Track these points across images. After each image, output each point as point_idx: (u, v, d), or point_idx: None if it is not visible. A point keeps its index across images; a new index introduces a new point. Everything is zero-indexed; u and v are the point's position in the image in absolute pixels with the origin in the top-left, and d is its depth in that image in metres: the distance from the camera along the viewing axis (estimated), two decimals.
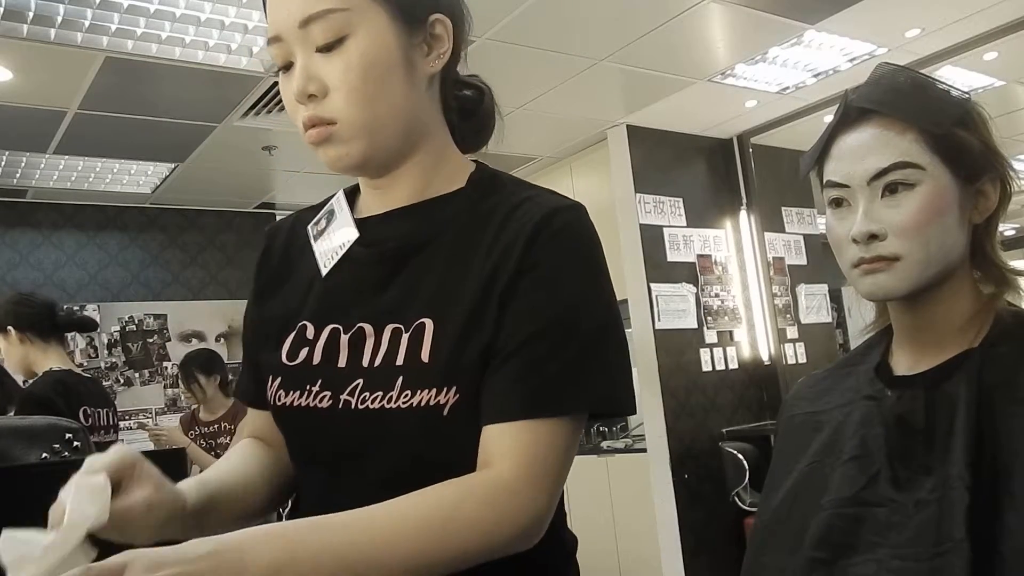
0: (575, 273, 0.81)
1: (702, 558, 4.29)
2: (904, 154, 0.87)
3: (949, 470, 0.81)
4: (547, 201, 0.85)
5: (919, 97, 0.90)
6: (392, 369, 0.81)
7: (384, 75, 0.82)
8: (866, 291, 0.90)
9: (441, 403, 0.78)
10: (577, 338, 0.79)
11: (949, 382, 0.87)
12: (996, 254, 0.92)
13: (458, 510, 0.73)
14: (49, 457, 1.28)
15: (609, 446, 4.94)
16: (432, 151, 0.89)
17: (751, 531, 1.02)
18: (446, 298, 0.82)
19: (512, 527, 0.74)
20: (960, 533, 0.77)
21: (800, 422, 1.01)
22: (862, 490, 0.87)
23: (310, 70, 0.81)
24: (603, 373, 0.80)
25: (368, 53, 0.81)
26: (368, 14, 0.81)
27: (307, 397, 0.86)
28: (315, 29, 0.80)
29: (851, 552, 0.85)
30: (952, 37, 3.81)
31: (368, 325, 0.84)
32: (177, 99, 3.68)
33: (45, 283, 4.86)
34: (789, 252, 5.01)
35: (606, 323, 0.82)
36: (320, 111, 0.81)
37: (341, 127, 0.82)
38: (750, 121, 4.77)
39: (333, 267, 0.90)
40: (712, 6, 3.27)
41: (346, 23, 0.80)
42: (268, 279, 0.98)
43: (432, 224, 0.87)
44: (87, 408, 2.48)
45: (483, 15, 3.18)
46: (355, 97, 0.81)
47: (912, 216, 0.86)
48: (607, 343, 0.81)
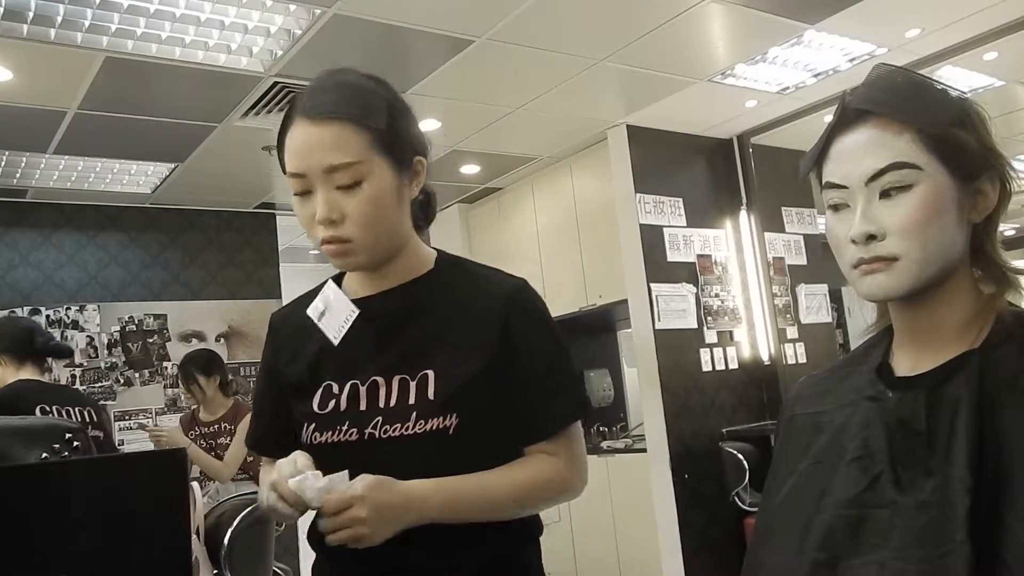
0: (548, 331, 1.20)
1: (702, 558, 4.29)
2: (901, 154, 0.87)
3: (950, 472, 0.81)
4: (505, 280, 1.21)
5: (916, 97, 0.90)
6: (407, 407, 1.13)
7: (386, 208, 1.12)
8: (866, 292, 0.90)
9: (447, 426, 1.11)
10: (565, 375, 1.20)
11: (950, 383, 0.86)
12: (996, 253, 0.92)
13: (541, 478, 1.15)
14: (49, 457, 1.28)
15: (609, 446, 4.95)
16: (409, 248, 1.20)
17: (752, 531, 1.02)
18: (441, 351, 1.14)
19: (569, 491, 1.20)
20: (961, 535, 0.77)
21: (801, 423, 1.01)
22: (864, 492, 0.87)
23: (332, 203, 1.08)
24: (581, 389, 1.23)
25: (377, 194, 1.10)
26: (376, 165, 1.10)
27: (338, 435, 1.16)
28: (339, 174, 1.08)
29: (853, 554, 0.85)
30: (952, 37, 3.81)
31: (380, 377, 1.15)
32: (177, 99, 3.68)
33: (45, 283, 4.87)
34: (789, 252, 5.01)
35: (569, 356, 1.21)
36: (339, 233, 1.09)
37: (354, 244, 1.10)
38: (750, 121, 4.77)
39: (342, 337, 1.17)
40: (712, 6, 3.27)
41: (362, 172, 1.08)
42: (282, 352, 1.26)
43: (416, 299, 1.19)
44: (45, 406, 2.51)
45: (483, 15, 3.18)
46: (366, 224, 1.10)
47: (910, 216, 0.86)
48: (574, 370, 1.22)
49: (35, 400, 2.49)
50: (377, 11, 3.06)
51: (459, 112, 4.16)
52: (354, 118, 1.09)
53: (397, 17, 3.12)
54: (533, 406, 1.16)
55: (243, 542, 3.14)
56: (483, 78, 3.78)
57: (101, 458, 1.74)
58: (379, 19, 3.11)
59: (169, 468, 1.06)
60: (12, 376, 2.58)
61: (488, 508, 1.11)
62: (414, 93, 3.83)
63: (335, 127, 1.08)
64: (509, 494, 1.12)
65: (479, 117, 4.26)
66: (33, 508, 0.92)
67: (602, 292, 4.88)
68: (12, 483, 0.95)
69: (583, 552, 4.88)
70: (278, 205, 5.57)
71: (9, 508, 0.91)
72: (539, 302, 1.21)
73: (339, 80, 1.14)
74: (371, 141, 1.09)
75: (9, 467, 1.15)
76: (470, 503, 1.10)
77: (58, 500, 0.95)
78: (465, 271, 1.24)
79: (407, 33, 3.24)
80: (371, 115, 1.10)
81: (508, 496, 1.12)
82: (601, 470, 4.78)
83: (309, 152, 1.08)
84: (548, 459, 1.16)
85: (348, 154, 1.08)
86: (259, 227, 5.66)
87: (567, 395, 1.19)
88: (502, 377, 1.14)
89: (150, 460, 0.80)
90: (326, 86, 1.13)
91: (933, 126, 0.87)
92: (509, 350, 1.14)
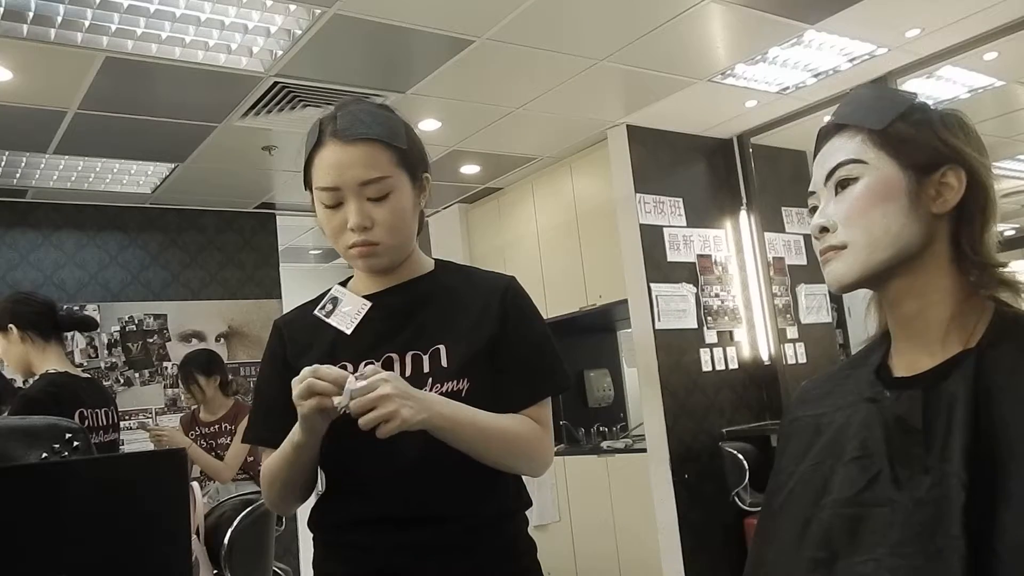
0: (535, 318, 1.37)
1: (702, 558, 4.29)
2: (850, 153, 0.95)
3: (946, 469, 0.82)
4: (498, 276, 1.40)
5: (869, 103, 0.97)
6: (422, 375, 1.27)
7: (407, 217, 1.30)
8: (827, 281, 0.97)
9: (460, 389, 1.26)
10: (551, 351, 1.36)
11: (947, 382, 0.87)
12: (977, 247, 0.92)
13: (524, 430, 1.29)
14: (49, 457, 1.28)
15: (609, 446, 4.95)
16: (414, 252, 1.38)
17: (754, 532, 1.03)
18: (449, 331, 1.30)
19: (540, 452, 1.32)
20: (956, 530, 0.78)
21: (803, 424, 1.02)
22: (863, 491, 0.88)
23: (364, 212, 1.25)
24: (565, 367, 1.37)
25: (401, 204, 1.28)
26: (401, 179, 1.28)
27: None
28: (370, 188, 1.25)
29: (851, 552, 0.86)
30: (952, 37, 3.81)
31: (394, 354, 1.29)
32: (177, 99, 3.68)
33: (45, 283, 4.87)
34: (789, 252, 5.01)
35: (552, 340, 1.37)
36: (368, 237, 1.26)
37: (381, 247, 1.28)
38: (750, 121, 4.77)
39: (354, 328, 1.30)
40: (712, 6, 3.28)
41: (390, 185, 1.26)
42: (292, 346, 1.36)
43: (421, 293, 1.35)
44: (83, 410, 2.48)
45: (483, 15, 3.18)
46: (392, 230, 1.27)
47: (852, 204, 0.93)
48: (556, 350, 1.37)
49: (71, 405, 2.42)
50: (377, 11, 3.06)
51: (459, 112, 4.16)
52: (382, 139, 1.26)
53: (397, 17, 3.12)
54: (523, 377, 1.32)
55: (243, 542, 3.14)
56: (483, 78, 3.78)
57: (101, 458, 1.73)
58: (379, 19, 3.11)
59: (169, 468, 1.06)
60: (39, 356, 2.52)
61: (479, 438, 1.23)
62: (414, 93, 3.83)
63: (367, 147, 1.25)
64: (497, 433, 1.25)
65: (479, 117, 4.26)
66: (33, 508, 0.92)
67: (602, 292, 4.88)
68: (12, 483, 0.95)
69: (583, 551, 4.88)
70: (278, 205, 5.58)
71: (9, 508, 0.91)
72: (526, 293, 1.42)
73: (362, 108, 1.30)
74: (396, 159, 1.27)
75: (9, 467, 1.15)
76: (468, 423, 1.22)
77: (58, 500, 0.95)
78: (461, 271, 1.43)
79: (407, 33, 3.24)
80: (396, 136, 1.28)
81: (496, 434, 1.25)
82: (601, 470, 4.78)
83: (344, 169, 1.24)
84: (529, 420, 1.30)
85: (379, 170, 1.25)
86: (259, 227, 5.66)
87: (556, 370, 1.36)
88: (500, 351, 1.30)
89: (150, 460, 0.80)
90: (353, 112, 1.28)
91: (877, 123, 0.94)
92: (506, 329, 1.32)
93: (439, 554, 1.22)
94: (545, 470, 1.35)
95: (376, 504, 1.25)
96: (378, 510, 1.25)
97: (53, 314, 2.58)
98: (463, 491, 1.26)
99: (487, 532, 1.27)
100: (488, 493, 1.28)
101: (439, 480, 1.24)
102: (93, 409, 2.53)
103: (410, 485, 1.24)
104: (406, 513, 1.24)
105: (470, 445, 1.22)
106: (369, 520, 1.25)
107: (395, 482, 1.24)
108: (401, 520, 1.24)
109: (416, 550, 1.22)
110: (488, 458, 1.25)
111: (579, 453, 5.00)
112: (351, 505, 1.28)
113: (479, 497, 1.27)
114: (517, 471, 1.32)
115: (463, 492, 1.26)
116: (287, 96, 3.71)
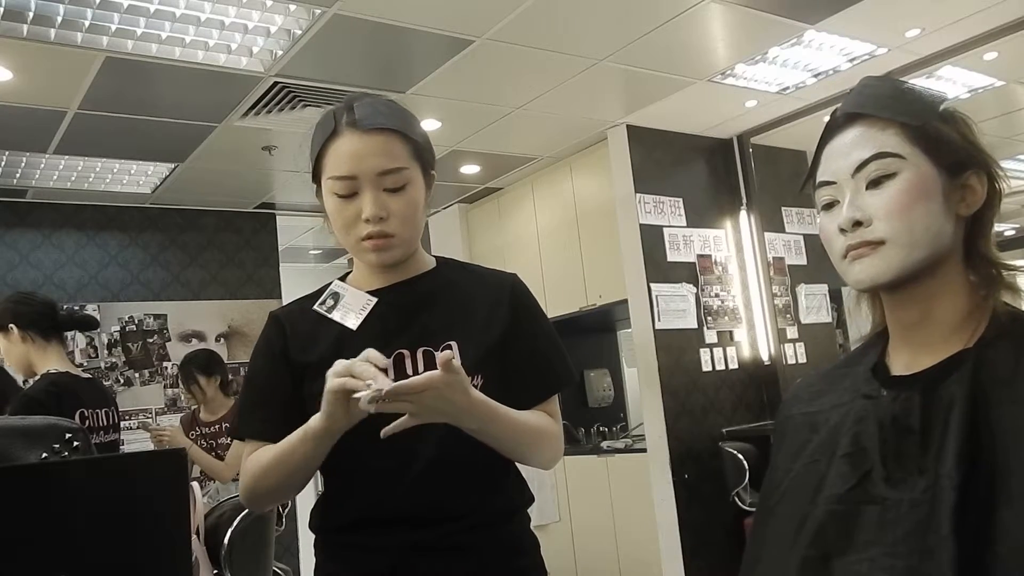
0: (542, 314, 1.39)
1: (702, 558, 4.29)
2: (885, 146, 0.91)
3: (940, 470, 0.82)
4: (502, 273, 1.40)
5: (898, 97, 0.94)
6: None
7: (419, 209, 1.29)
8: (855, 279, 0.93)
9: (475, 385, 1.19)
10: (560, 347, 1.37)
11: (945, 382, 0.87)
12: (990, 250, 0.93)
13: (544, 425, 1.30)
14: (49, 457, 1.28)
15: (609, 446, 4.95)
16: (418, 249, 1.37)
17: (750, 530, 1.03)
18: (460, 328, 1.28)
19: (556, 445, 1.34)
20: (946, 530, 0.78)
21: (798, 422, 1.02)
22: (854, 487, 0.88)
23: (381, 203, 1.23)
24: (569, 362, 1.38)
25: (416, 197, 1.27)
26: (415, 172, 1.27)
27: None
28: (388, 178, 1.23)
29: (845, 551, 0.86)
30: (952, 37, 3.81)
31: (405, 350, 1.26)
32: (177, 99, 3.68)
33: (45, 283, 4.87)
34: (789, 252, 5.01)
35: (558, 336, 1.38)
36: (384, 228, 1.24)
37: (395, 239, 1.26)
38: (750, 121, 4.77)
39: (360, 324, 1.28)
40: (712, 6, 3.28)
41: (407, 177, 1.25)
42: (293, 340, 1.32)
43: (426, 289, 1.33)
44: (84, 410, 2.48)
45: (483, 15, 3.18)
46: (407, 222, 1.26)
47: (895, 199, 0.89)
48: (563, 346, 1.38)
49: (72, 405, 2.43)
50: (377, 11, 3.06)
51: (459, 112, 4.16)
52: (401, 130, 1.26)
53: (397, 17, 3.12)
54: (536, 373, 1.33)
55: (243, 542, 3.14)
56: (483, 78, 3.78)
57: (101, 458, 1.73)
58: (379, 19, 3.11)
59: (169, 468, 1.06)
60: (40, 356, 2.52)
61: (509, 432, 1.23)
62: (414, 93, 3.83)
63: (385, 137, 1.24)
64: (524, 428, 1.25)
65: (479, 117, 4.26)
66: (33, 508, 0.92)
67: (602, 292, 4.88)
68: (12, 483, 0.95)
69: (583, 552, 4.88)
70: (278, 205, 5.58)
71: (9, 508, 0.91)
72: (528, 290, 1.43)
73: (377, 99, 1.29)
74: (412, 152, 1.27)
75: (9, 467, 1.15)
76: (502, 417, 1.21)
77: (58, 500, 0.95)
78: (464, 267, 1.42)
79: (407, 33, 3.24)
80: (413, 130, 1.28)
81: (524, 428, 1.25)
82: (601, 470, 4.78)
83: (362, 158, 1.23)
84: (545, 415, 1.32)
85: (398, 160, 1.24)
86: (259, 227, 5.66)
87: (565, 365, 1.37)
88: (511, 348, 1.30)
89: (150, 460, 0.80)
90: (370, 103, 1.27)
91: (915, 119, 0.91)
92: (518, 326, 1.32)
93: (447, 552, 1.22)
94: (557, 462, 1.37)
95: (387, 505, 1.23)
96: (389, 510, 1.23)
97: (54, 314, 2.58)
98: (474, 489, 1.26)
99: (494, 529, 1.26)
100: (497, 490, 1.29)
101: (452, 479, 1.23)
102: (94, 409, 2.53)
103: (423, 485, 1.22)
104: (418, 513, 1.22)
105: (501, 436, 1.22)
106: (379, 520, 1.23)
107: (408, 482, 1.22)
108: (412, 520, 1.22)
109: (426, 549, 1.21)
110: (516, 453, 1.27)
111: (579, 453, 5.00)
112: (360, 506, 1.25)
113: (488, 494, 1.27)
114: (536, 464, 1.33)
115: (474, 490, 1.26)
116: (287, 96, 3.71)
